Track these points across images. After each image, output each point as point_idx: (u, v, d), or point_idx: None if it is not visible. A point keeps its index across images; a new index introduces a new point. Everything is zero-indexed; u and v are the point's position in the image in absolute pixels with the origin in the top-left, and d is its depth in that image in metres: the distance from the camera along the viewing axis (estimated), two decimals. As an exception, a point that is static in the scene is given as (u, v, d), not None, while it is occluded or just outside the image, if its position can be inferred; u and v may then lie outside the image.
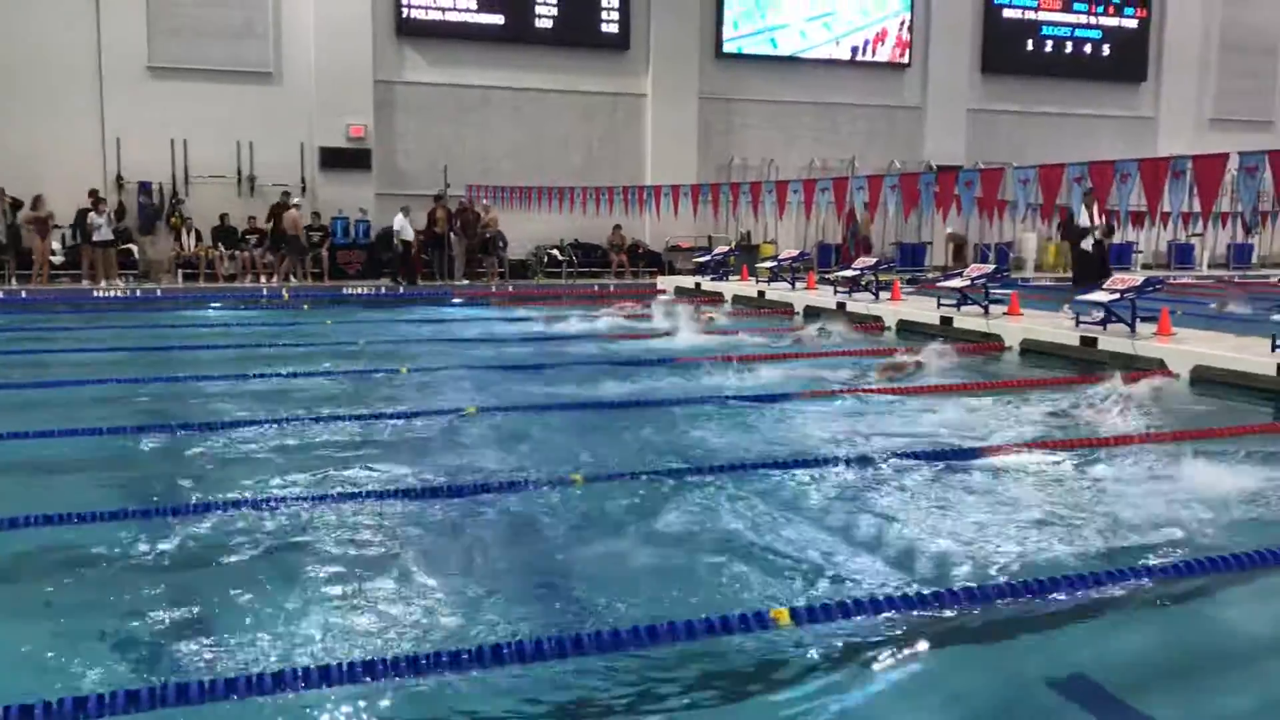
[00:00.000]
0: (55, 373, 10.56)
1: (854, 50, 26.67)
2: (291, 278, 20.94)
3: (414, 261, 21.45)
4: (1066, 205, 11.18)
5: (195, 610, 4.47)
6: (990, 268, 14.70)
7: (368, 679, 3.66)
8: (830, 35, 26.46)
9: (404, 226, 21.36)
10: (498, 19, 23.70)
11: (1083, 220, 11.27)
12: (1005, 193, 16.57)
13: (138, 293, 19.03)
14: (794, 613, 4.18)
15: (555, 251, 23.90)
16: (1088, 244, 11.86)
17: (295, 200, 21.69)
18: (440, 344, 13.11)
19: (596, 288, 21.56)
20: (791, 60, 26.28)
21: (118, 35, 21.31)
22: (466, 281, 21.72)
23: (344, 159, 22.80)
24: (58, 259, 20.55)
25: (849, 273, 16.80)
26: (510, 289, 20.95)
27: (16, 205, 20.04)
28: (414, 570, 4.95)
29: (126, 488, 6.38)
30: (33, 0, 20.86)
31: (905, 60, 27.06)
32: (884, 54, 26.94)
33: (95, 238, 19.77)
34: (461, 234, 22.10)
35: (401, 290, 20.41)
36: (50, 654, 4.02)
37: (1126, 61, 29.07)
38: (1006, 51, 28.01)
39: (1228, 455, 6.98)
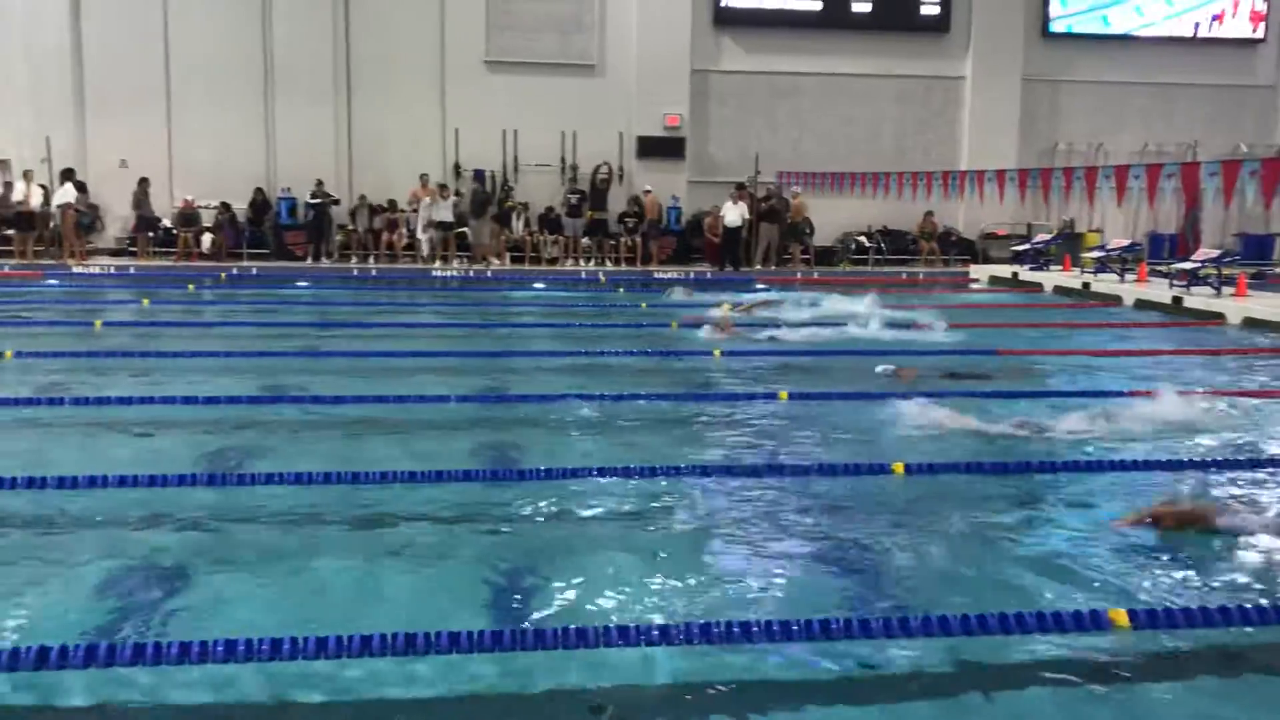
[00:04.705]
0: (405, 344, 11.57)
1: (1196, 26, 24.71)
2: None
3: (735, 247, 21.73)
4: None
5: (536, 564, 4.88)
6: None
7: (665, 643, 3.89)
8: (1171, 10, 24.64)
9: (729, 210, 21.73)
10: (815, 5, 23.64)
11: None
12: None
13: (471, 273, 20.49)
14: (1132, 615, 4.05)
15: (862, 238, 23.64)
16: None
17: (646, 187, 22.68)
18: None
19: (905, 275, 21.19)
20: (1125, 39, 24.69)
21: (459, 30, 22.90)
22: (772, 268, 21.85)
23: (659, 147, 23.49)
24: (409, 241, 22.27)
25: (1187, 265, 15.68)
26: (815, 275, 20.93)
27: (366, 204, 22.05)
28: (724, 544, 5.17)
29: (472, 450, 6.97)
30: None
31: (1259, 35, 24.79)
32: (1232, 29, 24.79)
33: (435, 217, 21.46)
34: (769, 221, 22.21)
35: (710, 275, 20.85)
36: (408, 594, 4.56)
37: None
38: (1382, 21, 25.08)
39: None
